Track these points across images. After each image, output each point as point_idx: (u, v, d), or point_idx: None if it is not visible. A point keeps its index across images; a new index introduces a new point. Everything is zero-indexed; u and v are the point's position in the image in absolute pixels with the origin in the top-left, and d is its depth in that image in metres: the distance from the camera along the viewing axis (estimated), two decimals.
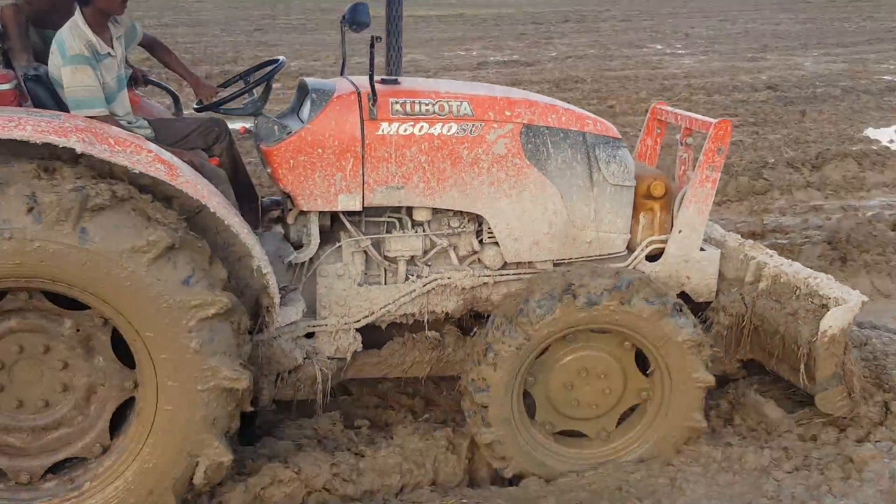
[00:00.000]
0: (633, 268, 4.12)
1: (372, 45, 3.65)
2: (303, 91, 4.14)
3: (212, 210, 3.14)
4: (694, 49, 19.00)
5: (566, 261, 4.13)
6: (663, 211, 4.28)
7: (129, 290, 2.95)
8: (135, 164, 2.97)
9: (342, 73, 4.52)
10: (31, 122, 2.89)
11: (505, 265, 4.11)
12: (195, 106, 4.10)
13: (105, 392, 3.25)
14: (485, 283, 4.11)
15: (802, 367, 3.75)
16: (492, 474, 4.01)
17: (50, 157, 2.98)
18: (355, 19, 4.11)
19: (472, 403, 3.81)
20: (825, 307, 3.76)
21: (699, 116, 4.43)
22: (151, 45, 4.34)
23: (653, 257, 4.24)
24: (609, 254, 4.18)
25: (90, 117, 3.51)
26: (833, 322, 3.66)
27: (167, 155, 3.17)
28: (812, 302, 3.83)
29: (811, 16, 27.40)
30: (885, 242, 6.66)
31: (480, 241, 4.10)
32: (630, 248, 4.25)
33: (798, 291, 3.93)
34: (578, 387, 3.86)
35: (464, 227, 4.08)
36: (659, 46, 20.06)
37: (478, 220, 4.07)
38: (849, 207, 8.01)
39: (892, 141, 10.53)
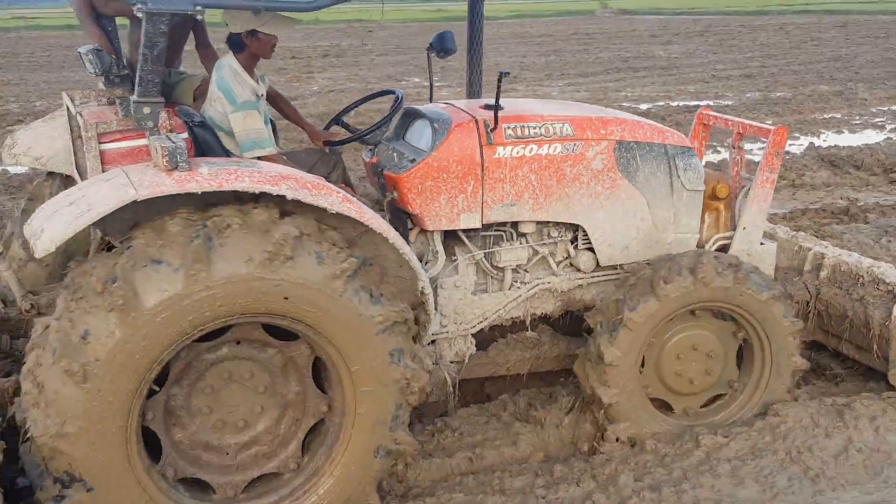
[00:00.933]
0: None
1: (500, 80, 3.97)
2: (409, 117, 4.45)
3: (391, 241, 3.45)
4: (451, 81, 18.79)
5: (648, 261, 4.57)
6: (726, 210, 4.75)
7: (333, 315, 3.27)
8: (332, 205, 3.24)
9: (430, 100, 4.83)
10: (245, 173, 3.14)
11: (596, 268, 4.52)
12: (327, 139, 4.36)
13: (299, 414, 3.54)
14: (579, 286, 4.52)
15: (875, 347, 4.27)
16: None
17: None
18: (443, 46, 4.47)
19: (593, 369, 4.19)
20: (891, 293, 4.29)
21: (753, 122, 4.89)
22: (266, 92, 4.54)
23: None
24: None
25: (261, 157, 3.77)
26: None
27: (348, 194, 3.45)
28: (878, 289, 4.35)
29: (553, 48, 27.90)
30: None
31: (575, 248, 4.50)
32: (698, 246, 4.71)
33: (862, 279, 4.45)
34: (686, 360, 4.28)
35: (562, 236, 4.46)
36: (417, 79, 19.83)
37: (574, 228, 4.46)
38: None
39: None
